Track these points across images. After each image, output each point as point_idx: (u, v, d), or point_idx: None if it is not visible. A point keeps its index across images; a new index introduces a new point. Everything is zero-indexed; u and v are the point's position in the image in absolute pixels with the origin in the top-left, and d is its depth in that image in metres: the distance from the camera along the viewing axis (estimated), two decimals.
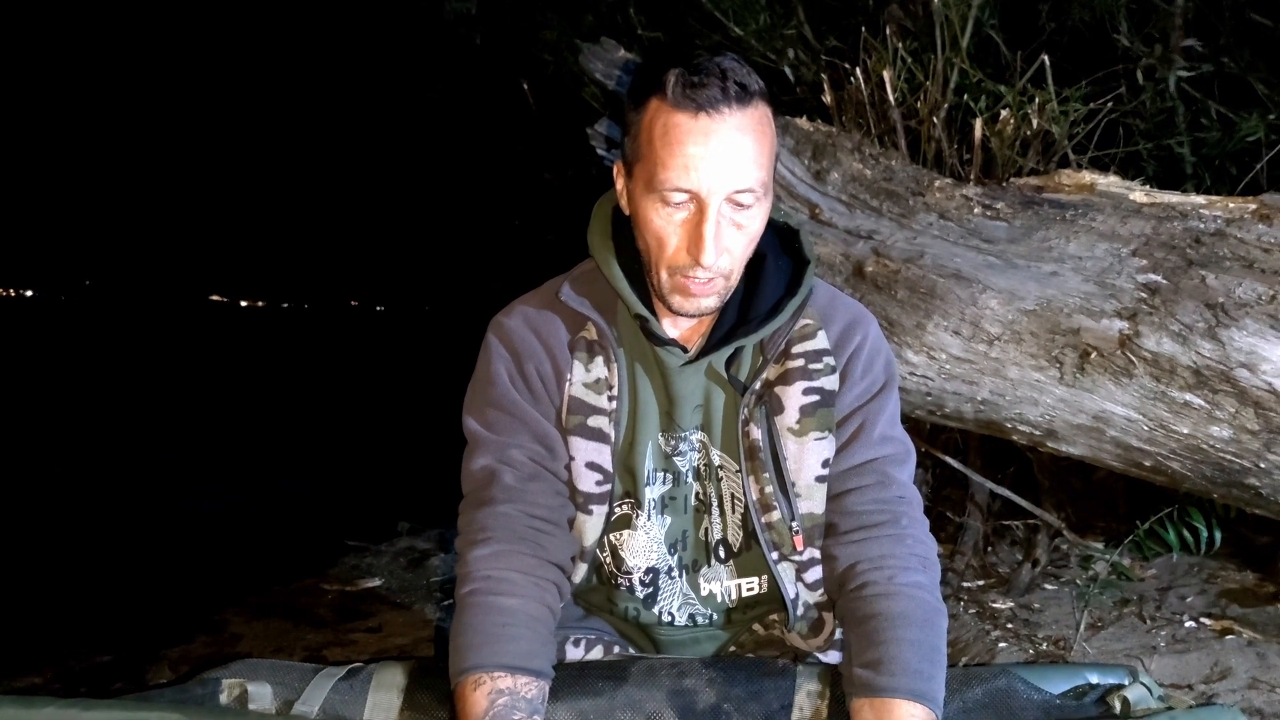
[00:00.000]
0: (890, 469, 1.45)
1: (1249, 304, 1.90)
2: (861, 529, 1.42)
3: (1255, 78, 2.88)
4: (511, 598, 1.32)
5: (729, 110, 1.24)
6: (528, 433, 1.42)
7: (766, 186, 1.30)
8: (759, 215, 1.32)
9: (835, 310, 1.49)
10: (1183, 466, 2.01)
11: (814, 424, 1.43)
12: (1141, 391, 1.97)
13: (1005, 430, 2.19)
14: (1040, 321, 2.07)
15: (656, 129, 1.26)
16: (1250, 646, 2.15)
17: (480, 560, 1.35)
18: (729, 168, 1.25)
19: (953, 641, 2.35)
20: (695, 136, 1.24)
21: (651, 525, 1.51)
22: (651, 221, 1.30)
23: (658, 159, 1.26)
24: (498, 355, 1.46)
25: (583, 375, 1.44)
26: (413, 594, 2.91)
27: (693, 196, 1.26)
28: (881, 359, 1.49)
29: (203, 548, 3.76)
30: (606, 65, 3.10)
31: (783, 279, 1.44)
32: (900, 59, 2.69)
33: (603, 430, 1.44)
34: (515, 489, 1.39)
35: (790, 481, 1.44)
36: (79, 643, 2.61)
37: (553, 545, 1.39)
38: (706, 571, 1.52)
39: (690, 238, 1.29)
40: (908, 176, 2.46)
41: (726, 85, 1.24)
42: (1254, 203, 2.06)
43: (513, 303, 1.51)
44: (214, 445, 6.68)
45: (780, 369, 1.45)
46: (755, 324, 1.40)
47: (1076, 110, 2.59)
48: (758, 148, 1.26)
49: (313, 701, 1.38)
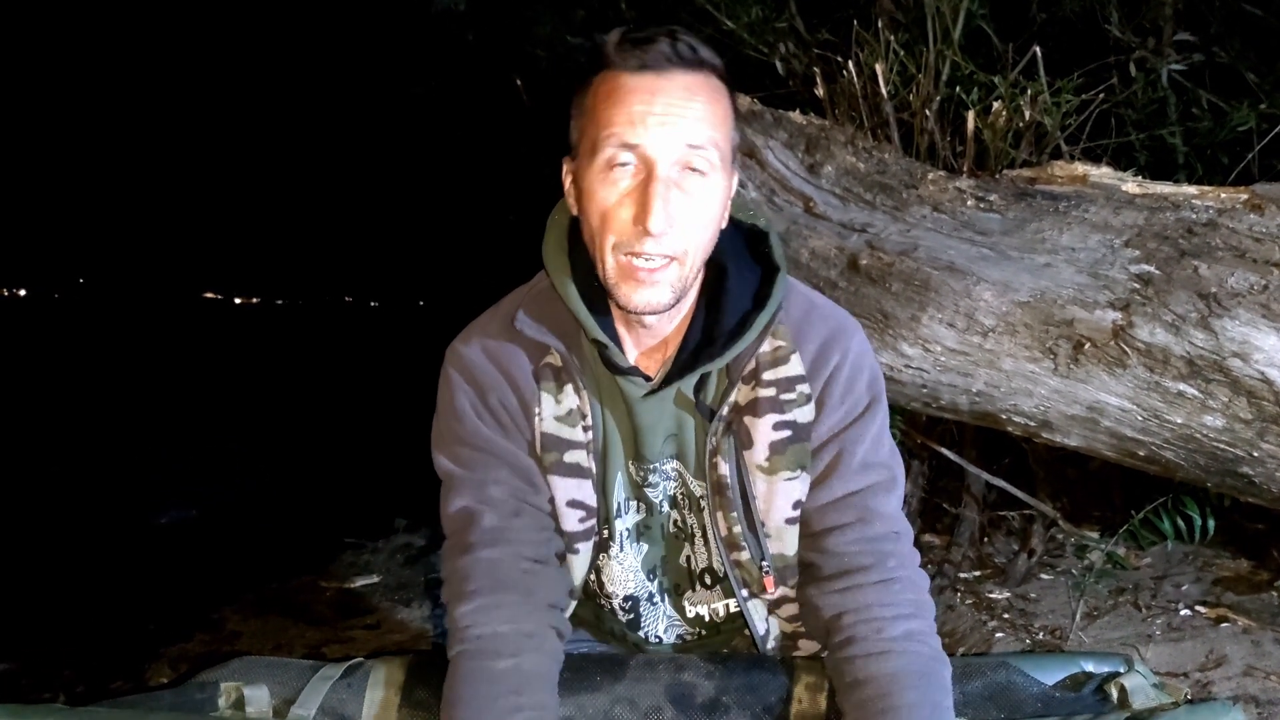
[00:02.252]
0: (873, 501, 1.33)
1: (1241, 294, 1.91)
2: (844, 574, 1.30)
3: (1246, 67, 2.88)
4: (502, 659, 1.23)
5: (677, 69, 1.16)
6: (505, 467, 1.33)
7: (723, 156, 1.20)
8: (714, 188, 1.20)
9: (810, 326, 1.34)
10: (1177, 456, 2.02)
11: (784, 462, 1.31)
12: (1135, 382, 1.98)
13: (1000, 421, 2.19)
14: (1034, 313, 2.08)
15: (600, 95, 1.18)
16: (1245, 634, 2.16)
17: (467, 616, 1.26)
18: (678, 122, 1.15)
19: (950, 632, 2.37)
20: (640, 93, 1.16)
21: (626, 555, 1.43)
22: (595, 194, 1.19)
23: (601, 120, 1.17)
24: (459, 389, 1.35)
25: (553, 408, 1.33)
26: (410, 590, 2.92)
27: (639, 156, 1.16)
28: (865, 377, 1.35)
29: (200, 546, 3.76)
30: None
31: (748, 290, 1.31)
32: (892, 51, 2.69)
33: (581, 465, 1.34)
34: (498, 530, 1.30)
35: (759, 521, 1.34)
36: (77, 642, 2.61)
37: (544, 586, 1.31)
38: (691, 595, 1.46)
39: (638, 203, 1.17)
40: (901, 169, 2.47)
41: (676, 45, 1.17)
42: (1246, 193, 2.07)
43: (469, 327, 1.40)
44: (210, 443, 6.67)
45: (750, 394, 1.32)
46: (720, 344, 1.27)
47: (1069, 101, 2.59)
48: (710, 109, 1.17)
49: (310, 703, 1.37)
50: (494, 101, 5.42)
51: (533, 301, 1.34)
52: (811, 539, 1.34)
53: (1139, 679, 1.39)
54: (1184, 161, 2.91)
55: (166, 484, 5.05)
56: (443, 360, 1.38)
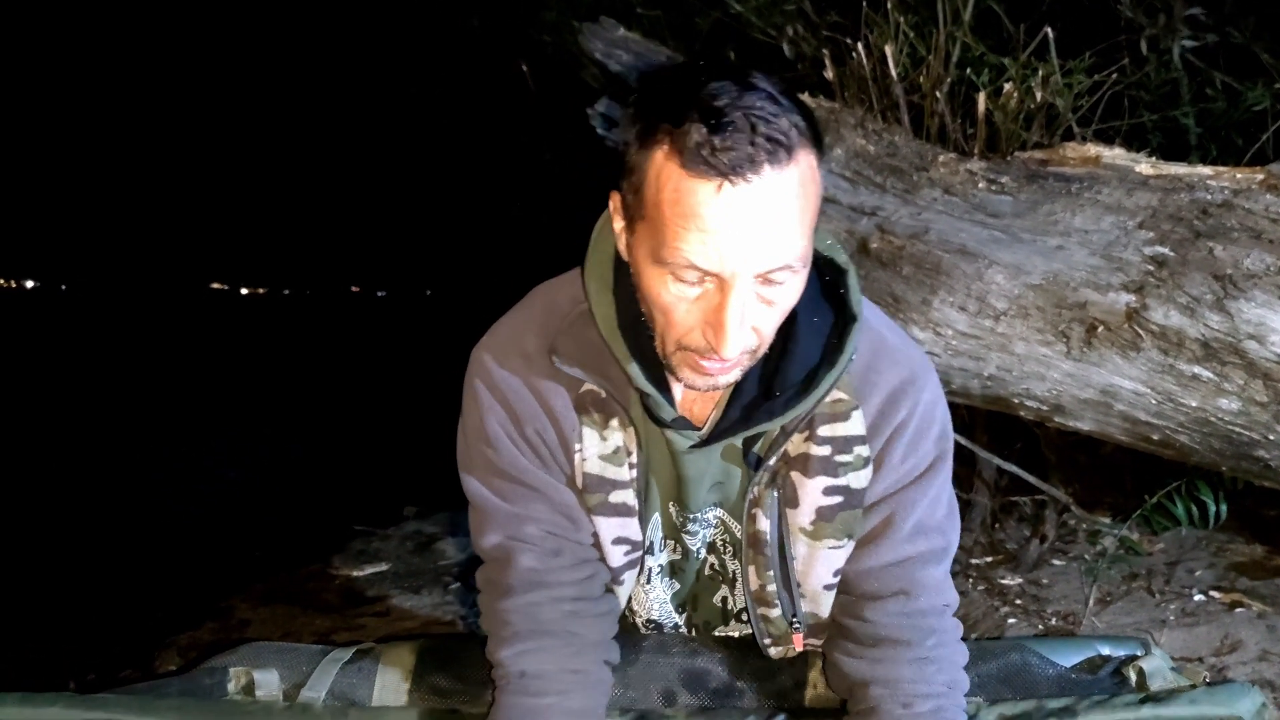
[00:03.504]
0: (920, 572, 1.24)
1: (1257, 275, 1.89)
2: (879, 644, 1.23)
3: (1260, 47, 2.85)
4: (546, 697, 1.20)
5: (760, 174, 0.94)
6: (543, 503, 1.24)
7: (807, 256, 1.02)
8: (796, 287, 1.04)
9: (878, 375, 1.20)
10: (1191, 440, 2.00)
11: (831, 530, 1.22)
12: (1149, 365, 1.96)
13: (1012, 406, 2.18)
14: (1046, 296, 2.06)
15: (665, 191, 0.97)
16: (1260, 619, 2.14)
17: (509, 659, 1.22)
18: (759, 245, 0.97)
19: (962, 618, 2.34)
20: (716, 210, 0.95)
21: (655, 588, 1.38)
22: (659, 296, 1.03)
23: (666, 229, 0.98)
24: (490, 411, 1.23)
25: (598, 445, 1.22)
26: (420, 578, 2.91)
27: (712, 277, 0.99)
28: (933, 433, 1.24)
29: (209, 534, 3.77)
30: (606, 45, 3.08)
31: (817, 341, 1.15)
32: (902, 33, 2.67)
33: (627, 504, 1.25)
34: (537, 572, 1.23)
35: (795, 582, 1.26)
36: (87, 630, 2.62)
37: (587, 627, 1.25)
38: (722, 629, 1.43)
39: (708, 320, 1.01)
40: (911, 152, 2.45)
41: (756, 142, 0.94)
42: (1261, 173, 2.05)
43: (499, 335, 1.26)
44: (219, 433, 6.69)
45: (803, 445, 1.21)
46: (782, 403, 1.14)
47: (1080, 83, 2.57)
48: (797, 214, 0.98)
49: (320, 686, 1.38)
50: (500, 89, 5.40)
51: (570, 332, 1.20)
52: (850, 603, 1.27)
53: (1157, 662, 1.39)
54: (1197, 142, 2.88)
55: (175, 473, 5.07)
56: (467, 367, 1.26)
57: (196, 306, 39.40)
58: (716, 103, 0.95)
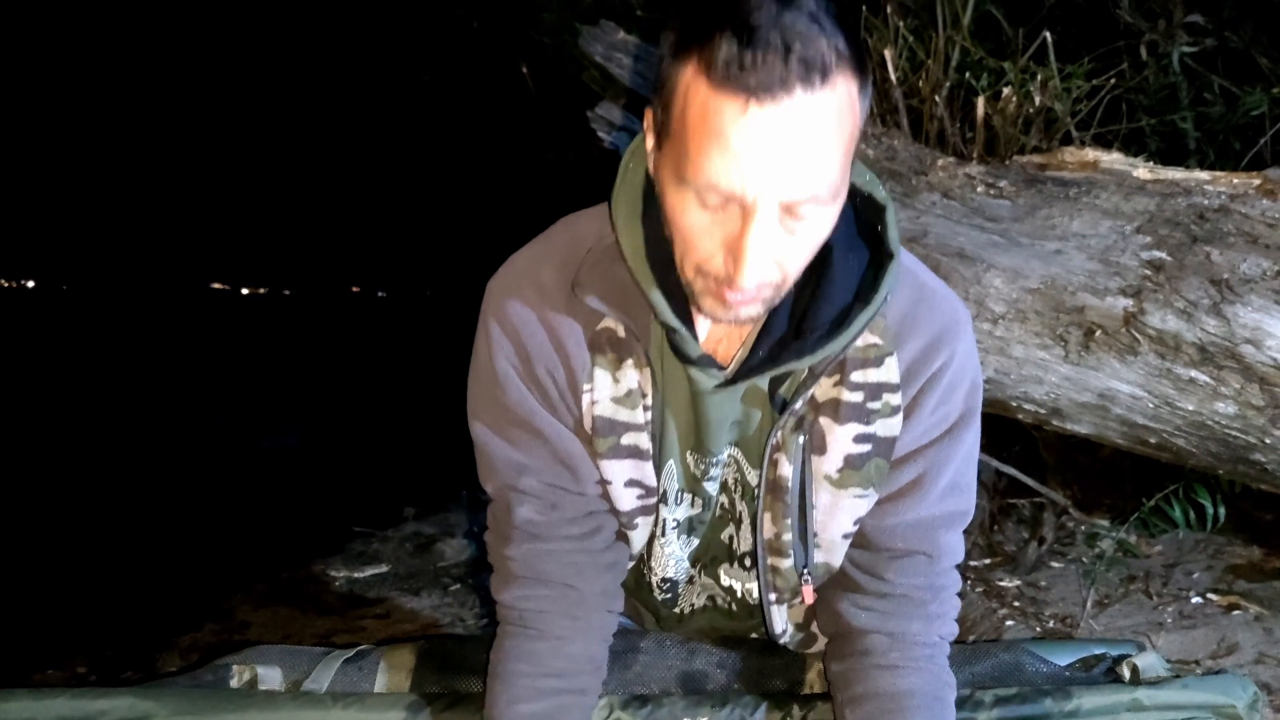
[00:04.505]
0: (946, 534, 1.22)
1: (1254, 280, 1.90)
2: (889, 599, 1.22)
3: (1258, 51, 2.86)
4: (545, 640, 1.21)
5: (791, 96, 0.89)
6: (545, 451, 1.20)
7: (839, 189, 0.97)
8: (825, 221, 0.99)
9: (917, 322, 1.15)
10: (1188, 443, 2.01)
11: (858, 478, 1.18)
12: (1146, 369, 1.97)
13: (1010, 409, 2.18)
14: (1044, 300, 2.07)
15: (692, 108, 0.93)
16: (1257, 621, 2.15)
17: (511, 599, 1.23)
18: (785, 172, 0.92)
19: (960, 620, 2.35)
20: (741, 130, 0.90)
21: (671, 544, 1.33)
22: (679, 218, 0.99)
23: (690, 147, 0.94)
24: (500, 347, 1.18)
25: (610, 388, 1.18)
26: (420, 579, 2.92)
27: (734, 199, 0.94)
28: (965, 385, 1.19)
29: (210, 536, 3.77)
30: (606, 48, 3.09)
31: (853, 278, 1.10)
32: (901, 37, 2.68)
33: (640, 447, 1.21)
34: (534, 524, 1.22)
35: (813, 533, 1.22)
36: (89, 632, 2.62)
37: (588, 581, 1.23)
38: (728, 569, 1.38)
39: (728, 247, 0.97)
40: (910, 156, 2.46)
41: (789, 62, 0.89)
42: (1258, 178, 2.05)
43: (515, 266, 1.21)
44: (218, 434, 6.69)
45: (833, 391, 1.16)
46: (812, 342, 1.09)
47: (1079, 87, 2.57)
48: (829, 143, 0.93)
49: (321, 681, 1.39)
50: (500, 90, 5.41)
51: (595, 266, 1.15)
52: (868, 559, 1.24)
53: (1152, 659, 1.40)
54: (1196, 147, 2.89)
55: (174, 474, 5.07)
56: (482, 300, 1.21)
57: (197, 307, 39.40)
58: (751, 18, 0.89)
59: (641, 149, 1.11)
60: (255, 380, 10.85)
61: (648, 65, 2.99)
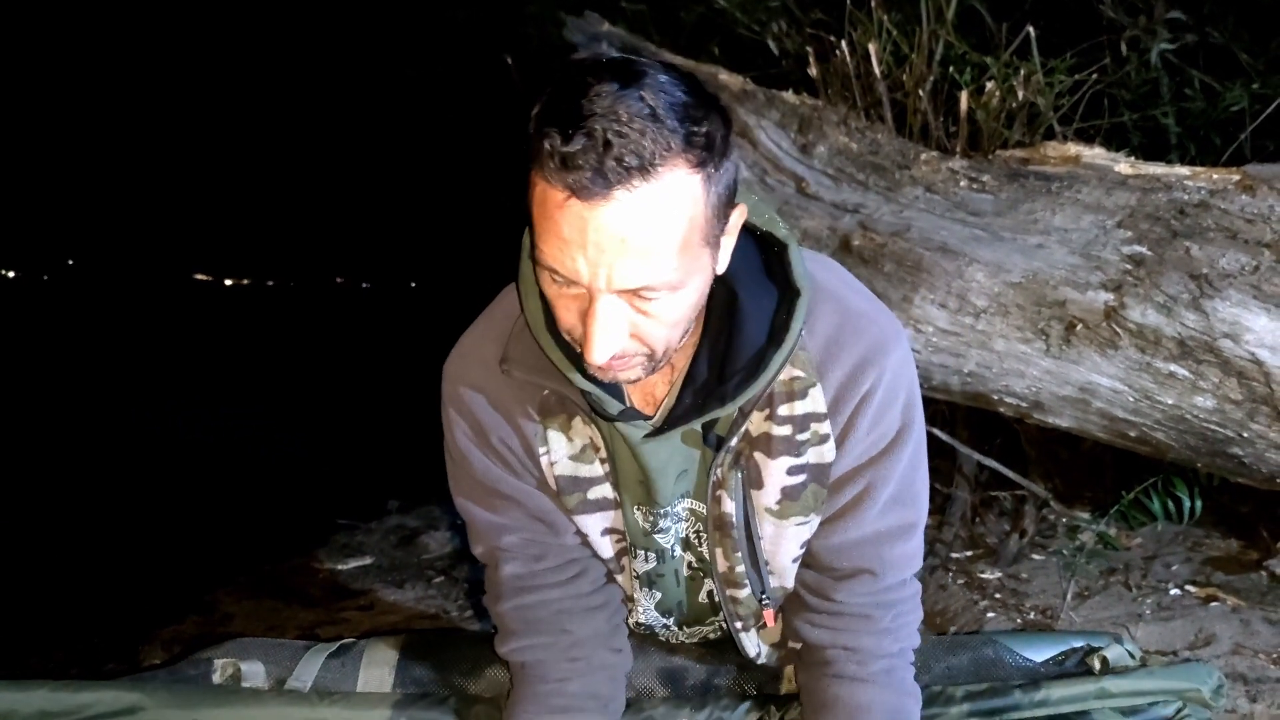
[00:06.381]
0: (889, 550, 1.23)
1: (1232, 275, 1.91)
2: (842, 618, 1.26)
3: (1239, 47, 2.87)
4: (547, 683, 1.28)
5: (607, 197, 0.90)
6: (520, 510, 1.27)
7: (681, 277, 0.97)
8: (680, 301, 1.00)
9: (840, 349, 1.16)
10: (1167, 436, 2.03)
11: (797, 508, 1.21)
12: (1127, 363, 1.98)
13: (992, 402, 2.20)
14: (1026, 294, 2.08)
15: (535, 191, 0.95)
16: (1234, 613, 2.17)
17: (510, 654, 1.31)
18: (614, 264, 0.93)
19: (941, 612, 2.38)
20: (568, 222, 0.92)
21: (639, 596, 1.37)
22: (545, 289, 1.02)
23: (536, 229, 0.97)
24: (457, 426, 1.25)
25: (564, 446, 1.23)
26: (403, 572, 2.92)
27: (576, 283, 0.96)
28: (899, 402, 1.20)
29: (192, 528, 3.75)
30: (590, 39, 3.09)
31: (764, 319, 1.12)
32: (885, 31, 2.68)
33: (607, 498, 1.26)
34: (520, 578, 1.28)
35: (764, 560, 1.26)
36: (70, 624, 2.61)
37: (581, 625, 1.29)
38: (713, 619, 1.43)
39: (583, 322, 0.99)
40: (894, 150, 2.46)
41: (604, 161, 0.89)
42: (1238, 174, 2.07)
43: (462, 348, 1.27)
44: (202, 425, 6.66)
45: (764, 424, 1.19)
46: (733, 386, 1.12)
47: (1062, 82, 2.58)
48: (658, 236, 0.93)
49: (305, 678, 1.39)
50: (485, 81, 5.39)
51: (517, 341, 1.19)
52: (815, 580, 1.28)
53: (1120, 651, 1.42)
54: (1177, 142, 2.91)
55: (157, 466, 5.04)
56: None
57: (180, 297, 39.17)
58: (582, 108, 0.90)
59: None
60: (237, 372, 10.80)
61: None
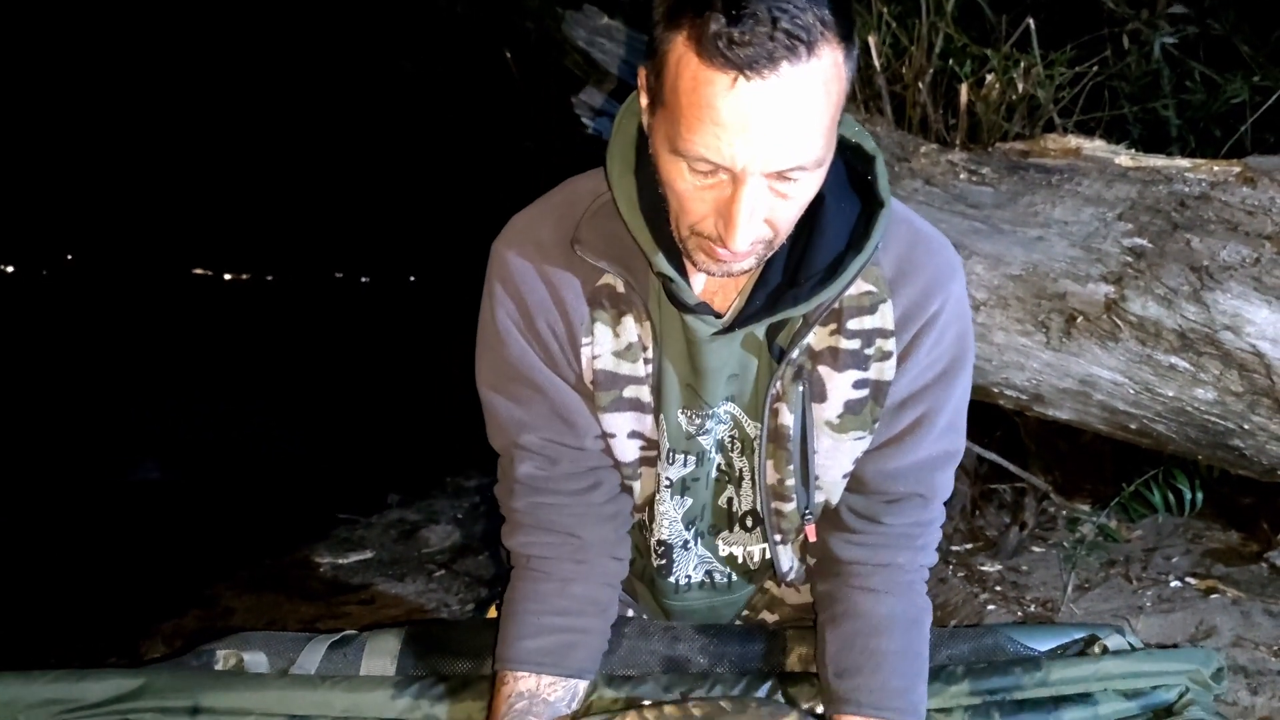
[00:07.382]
0: (939, 476, 1.27)
1: (1233, 267, 1.91)
2: (887, 537, 1.27)
3: (1240, 39, 2.87)
4: (551, 581, 1.26)
5: (777, 70, 0.91)
6: (545, 406, 1.24)
7: (825, 155, 1.00)
8: (813, 182, 1.03)
9: (911, 269, 1.19)
10: (1168, 429, 2.03)
11: (857, 422, 1.22)
12: (1127, 355, 1.98)
13: (992, 395, 2.20)
14: (1026, 286, 2.08)
15: (684, 79, 0.95)
16: (1234, 605, 2.17)
17: (519, 545, 1.29)
18: (773, 144, 0.95)
19: (941, 604, 2.38)
20: (731, 104, 0.93)
21: (667, 506, 1.34)
22: (673, 182, 1.02)
23: (682, 117, 0.96)
24: (502, 304, 1.22)
25: (610, 341, 1.21)
26: (404, 565, 2.92)
27: (724, 169, 0.97)
28: (956, 330, 1.22)
29: (193, 522, 3.76)
30: (589, 32, 3.08)
31: (844, 226, 1.14)
32: (885, 24, 2.68)
33: (641, 400, 1.25)
34: (535, 479, 1.26)
35: (814, 475, 1.26)
36: (71, 619, 2.62)
37: (591, 531, 1.28)
38: (727, 536, 1.40)
39: (719, 211, 1.01)
40: (893, 142, 2.46)
41: (775, 37, 0.90)
42: (1238, 165, 2.07)
43: (519, 223, 1.25)
44: (201, 420, 6.66)
45: (830, 340, 1.20)
46: (807, 289, 1.12)
47: (1062, 74, 2.58)
48: (815, 113, 0.95)
49: (307, 667, 1.39)
50: (484, 75, 5.38)
51: (592, 222, 1.19)
52: (864, 504, 1.29)
53: (1120, 641, 1.42)
54: (1177, 134, 2.90)
55: (160, 461, 5.05)
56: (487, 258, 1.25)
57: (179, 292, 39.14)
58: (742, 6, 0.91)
59: (634, 105, 1.14)
60: (237, 367, 10.80)
61: (631, 51, 2.98)
